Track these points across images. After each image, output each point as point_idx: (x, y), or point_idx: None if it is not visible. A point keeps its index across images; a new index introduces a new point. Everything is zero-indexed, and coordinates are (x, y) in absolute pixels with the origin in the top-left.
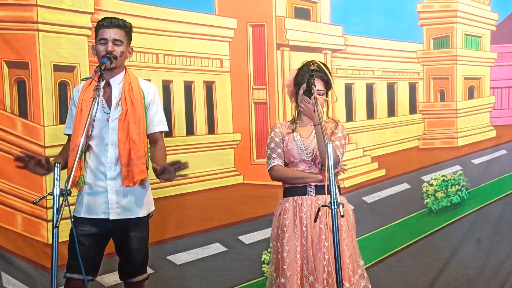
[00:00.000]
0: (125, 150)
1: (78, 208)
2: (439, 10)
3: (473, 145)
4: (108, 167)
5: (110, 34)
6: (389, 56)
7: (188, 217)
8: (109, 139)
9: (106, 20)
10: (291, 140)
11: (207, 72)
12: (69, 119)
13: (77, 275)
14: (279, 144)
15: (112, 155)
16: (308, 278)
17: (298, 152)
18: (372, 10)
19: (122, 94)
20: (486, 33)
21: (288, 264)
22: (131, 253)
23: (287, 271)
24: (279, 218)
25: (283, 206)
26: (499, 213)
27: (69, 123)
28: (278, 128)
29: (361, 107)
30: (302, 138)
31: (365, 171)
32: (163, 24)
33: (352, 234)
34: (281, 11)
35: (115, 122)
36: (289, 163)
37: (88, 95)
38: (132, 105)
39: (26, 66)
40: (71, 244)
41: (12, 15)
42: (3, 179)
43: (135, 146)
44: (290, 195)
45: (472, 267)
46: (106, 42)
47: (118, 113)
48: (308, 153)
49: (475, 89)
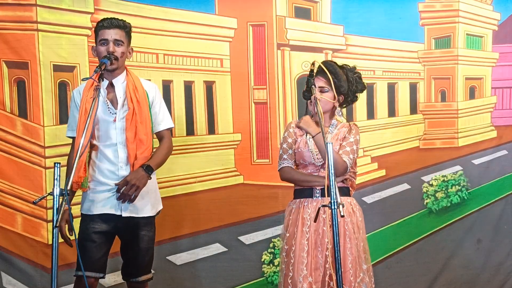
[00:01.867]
0: (133, 150)
1: (88, 206)
2: (441, 10)
3: (473, 145)
4: (119, 166)
5: (111, 35)
6: (390, 56)
7: (188, 217)
8: (118, 139)
9: (106, 21)
10: (303, 142)
11: (207, 72)
12: (72, 121)
13: (88, 272)
14: (291, 145)
15: (122, 154)
16: (307, 278)
17: (310, 155)
18: (373, 9)
19: (127, 93)
20: (487, 33)
21: (292, 264)
22: (140, 252)
23: (295, 271)
24: (288, 218)
25: (291, 207)
26: (500, 213)
27: (71, 126)
28: (292, 128)
29: (362, 107)
30: None
31: (365, 171)
32: (163, 24)
33: (358, 237)
34: (282, 11)
35: (122, 122)
36: (299, 164)
37: (91, 96)
38: (139, 104)
39: (25, 66)
40: (81, 242)
41: (12, 15)
42: (3, 179)
43: (142, 146)
44: (297, 197)
45: (472, 267)
46: (107, 43)
47: (124, 113)
48: (319, 158)
49: (476, 89)
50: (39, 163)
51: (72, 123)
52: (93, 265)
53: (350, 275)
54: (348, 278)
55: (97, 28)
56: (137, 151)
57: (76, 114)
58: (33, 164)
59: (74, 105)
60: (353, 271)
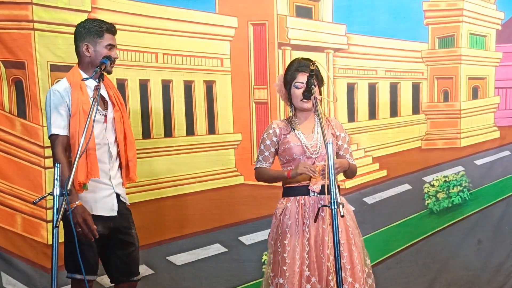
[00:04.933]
0: (124, 151)
1: (85, 206)
2: (445, 9)
3: (476, 145)
4: (111, 166)
5: (115, 41)
6: (393, 56)
7: (188, 218)
8: (109, 139)
9: (112, 26)
10: (294, 137)
11: (208, 72)
12: (58, 119)
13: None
14: (268, 147)
15: (113, 154)
16: (310, 279)
17: (302, 150)
18: (376, 8)
19: (110, 95)
20: (491, 32)
21: (287, 264)
22: (136, 250)
23: (287, 272)
24: (280, 218)
25: (285, 206)
26: (501, 214)
27: (57, 123)
28: (272, 129)
29: (363, 107)
30: (305, 136)
31: (366, 171)
32: (162, 23)
33: (359, 232)
34: (283, 10)
35: (110, 123)
36: (291, 160)
37: (86, 96)
38: (123, 106)
39: (22, 66)
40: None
41: (7, 14)
42: (2, 180)
43: (131, 146)
44: (292, 195)
45: (472, 268)
46: (112, 48)
47: (111, 114)
48: (314, 150)
49: (479, 89)
50: (38, 163)
51: (59, 121)
52: (93, 268)
53: (359, 271)
54: (357, 273)
55: (103, 29)
56: (128, 152)
57: (63, 112)
58: (33, 164)
59: (62, 103)
60: (360, 266)
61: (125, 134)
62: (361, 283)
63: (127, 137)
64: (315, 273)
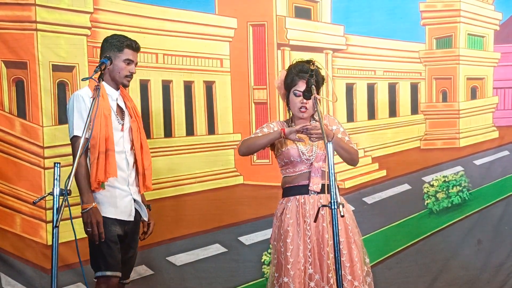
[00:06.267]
0: (141, 159)
1: (107, 209)
2: (442, 10)
3: (475, 146)
4: (128, 173)
5: (136, 58)
6: (391, 56)
7: (188, 218)
8: (125, 147)
9: (135, 43)
10: (291, 141)
11: (207, 72)
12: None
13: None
14: (263, 132)
15: (130, 162)
16: (314, 276)
17: (299, 154)
18: (374, 9)
19: (127, 105)
20: (489, 33)
21: (291, 263)
22: (135, 255)
23: (291, 271)
24: (281, 218)
25: (285, 205)
26: (501, 214)
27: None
28: (272, 125)
29: (362, 108)
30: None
31: (366, 171)
32: (162, 24)
33: (358, 231)
34: (282, 11)
35: (127, 132)
36: (289, 163)
37: (107, 102)
38: (139, 118)
39: (24, 66)
40: (107, 243)
41: (10, 15)
42: (2, 180)
43: (147, 156)
44: (292, 195)
45: (472, 268)
46: (131, 64)
47: (127, 124)
48: (309, 155)
49: (477, 89)
50: (38, 163)
51: (81, 124)
52: (118, 266)
53: (358, 269)
54: (356, 271)
55: (124, 45)
56: (144, 161)
57: (85, 116)
58: (32, 164)
59: (84, 108)
60: (359, 264)
61: (141, 143)
62: (360, 281)
63: (143, 146)
64: (318, 270)
